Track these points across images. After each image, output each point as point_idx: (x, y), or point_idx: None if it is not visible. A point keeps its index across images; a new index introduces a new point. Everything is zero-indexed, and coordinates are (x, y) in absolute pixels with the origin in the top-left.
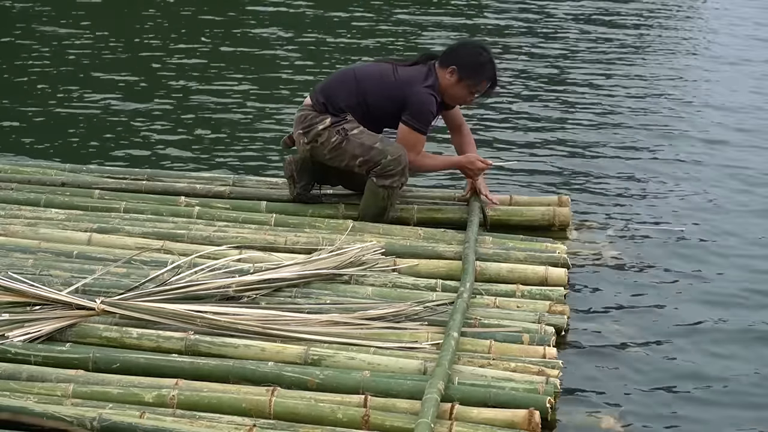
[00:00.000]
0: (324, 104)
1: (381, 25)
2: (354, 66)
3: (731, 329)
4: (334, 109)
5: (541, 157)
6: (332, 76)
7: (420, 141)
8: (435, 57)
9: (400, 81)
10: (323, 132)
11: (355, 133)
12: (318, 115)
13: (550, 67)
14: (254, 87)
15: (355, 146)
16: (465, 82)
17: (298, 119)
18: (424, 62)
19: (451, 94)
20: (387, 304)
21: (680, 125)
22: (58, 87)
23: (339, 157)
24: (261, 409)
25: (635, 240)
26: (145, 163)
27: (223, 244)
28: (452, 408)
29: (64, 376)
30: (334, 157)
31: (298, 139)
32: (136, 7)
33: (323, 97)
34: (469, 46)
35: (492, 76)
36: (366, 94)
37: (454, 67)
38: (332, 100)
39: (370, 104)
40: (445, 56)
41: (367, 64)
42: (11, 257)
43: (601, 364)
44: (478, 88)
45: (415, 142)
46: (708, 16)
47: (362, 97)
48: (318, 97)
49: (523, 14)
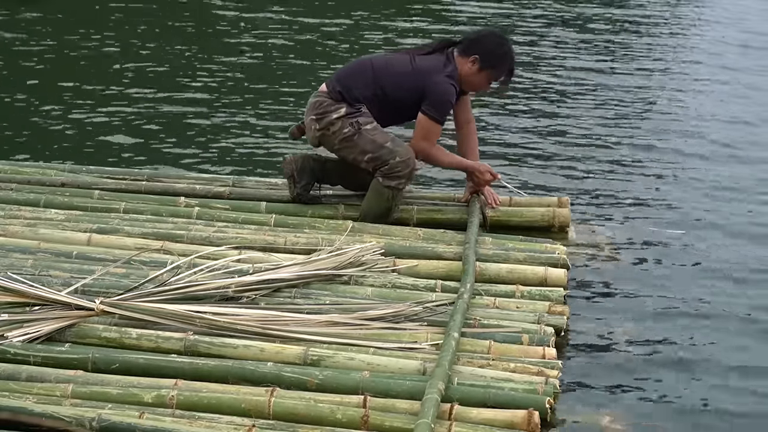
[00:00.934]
0: (340, 92)
1: (381, 26)
2: (371, 56)
3: (732, 329)
4: (351, 98)
5: (541, 158)
6: (349, 65)
7: (436, 131)
8: (452, 44)
9: (417, 71)
10: (337, 121)
11: (368, 128)
12: (333, 103)
13: (550, 67)
14: (254, 87)
15: (367, 141)
16: (486, 71)
17: (312, 105)
18: (441, 50)
19: (470, 82)
20: (386, 305)
21: (681, 126)
22: (58, 87)
23: (348, 149)
24: (260, 410)
25: (635, 241)
26: (145, 164)
27: (222, 244)
28: (452, 408)
29: (64, 377)
30: (342, 148)
31: (309, 125)
32: (136, 7)
33: (340, 86)
34: (491, 35)
35: (511, 66)
36: (384, 86)
37: (477, 56)
38: (349, 89)
39: (388, 95)
40: (467, 45)
41: (384, 55)
42: (11, 257)
43: (601, 364)
44: (497, 78)
45: (432, 131)
46: (711, 16)
47: (379, 89)
48: (335, 85)
49: (523, 15)
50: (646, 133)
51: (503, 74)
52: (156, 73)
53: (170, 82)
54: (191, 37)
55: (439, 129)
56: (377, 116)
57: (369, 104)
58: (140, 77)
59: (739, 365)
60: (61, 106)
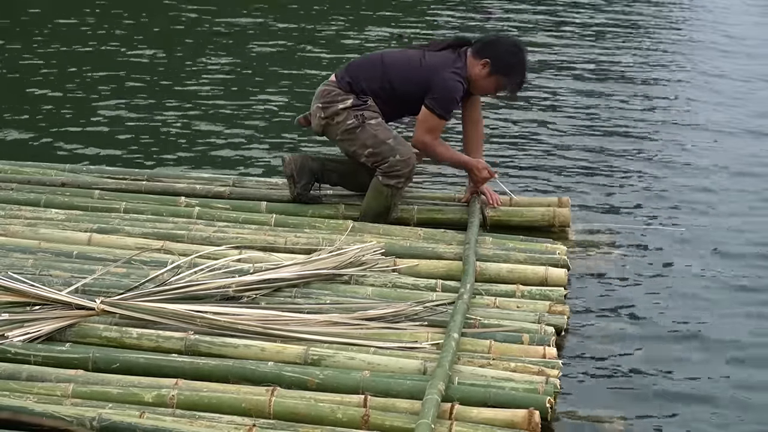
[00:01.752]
0: (349, 83)
1: (380, 26)
2: (383, 51)
3: (732, 329)
4: (359, 90)
5: (541, 158)
6: (361, 57)
7: (439, 126)
8: (467, 43)
9: (426, 66)
10: (342, 112)
11: (372, 123)
12: (341, 93)
13: (550, 68)
14: (254, 87)
15: (369, 136)
16: (496, 76)
17: (320, 93)
18: (454, 48)
19: (478, 85)
20: (387, 305)
21: (681, 126)
22: (58, 87)
23: (350, 141)
24: (261, 409)
25: (635, 240)
26: (145, 164)
27: (223, 244)
28: (452, 408)
29: (64, 376)
30: (344, 140)
31: (315, 113)
32: (136, 8)
33: (349, 77)
34: (507, 42)
35: (523, 78)
36: (392, 80)
37: (488, 60)
38: (357, 80)
39: (396, 89)
40: (481, 47)
41: (395, 50)
42: (11, 257)
43: (601, 364)
44: (505, 86)
45: (435, 126)
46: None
47: (387, 83)
48: (344, 75)
49: (524, 15)
50: (647, 133)
51: (513, 84)
52: (156, 73)
53: (171, 81)
54: (191, 37)
55: (442, 124)
56: (383, 109)
57: (376, 97)
58: (140, 77)
59: (740, 365)
60: (61, 106)
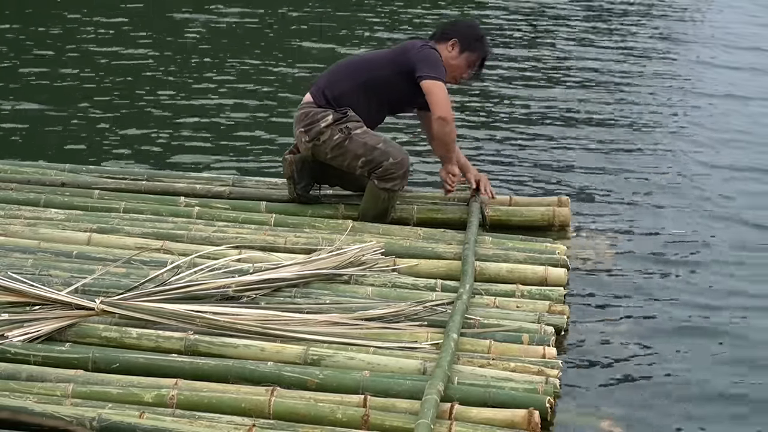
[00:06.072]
0: (324, 95)
1: (380, 27)
2: (347, 58)
3: (731, 330)
4: (337, 104)
5: (541, 158)
6: (330, 70)
7: (446, 92)
8: (422, 39)
9: (396, 51)
10: (326, 130)
11: (358, 132)
12: (320, 111)
13: (550, 68)
14: (254, 87)
15: (358, 146)
16: (466, 53)
17: (299, 117)
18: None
19: (452, 66)
20: (386, 304)
21: (682, 127)
22: (58, 87)
23: (341, 156)
24: (260, 409)
25: (635, 240)
26: (145, 164)
27: (222, 244)
28: (452, 408)
29: (64, 376)
30: (336, 156)
31: (299, 138)
32: (135, 8)
33: (323, 89)
34: (464, 21)
35: (487, 49)
36: (365, 74)
37: (455, 39)
38: (332, 89)
39: (374, 78)
40: (443, 31)
41: (359, 55)
42: (11, 257)
43: (601, 364)
44: (475, 61)
45: (444, 93)
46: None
47: (362, 78)
48: (318, 90)
49: (522, 15)
50: (648, 133)
51: (480, 59)
52: (156, 73)
53: (170, 81)
54: (191, 37)
55: (446, 89)
56: (366, 111)
57: (356, 101)
58: (140, 77)
59: (740, 364)
60: (61, 106)
